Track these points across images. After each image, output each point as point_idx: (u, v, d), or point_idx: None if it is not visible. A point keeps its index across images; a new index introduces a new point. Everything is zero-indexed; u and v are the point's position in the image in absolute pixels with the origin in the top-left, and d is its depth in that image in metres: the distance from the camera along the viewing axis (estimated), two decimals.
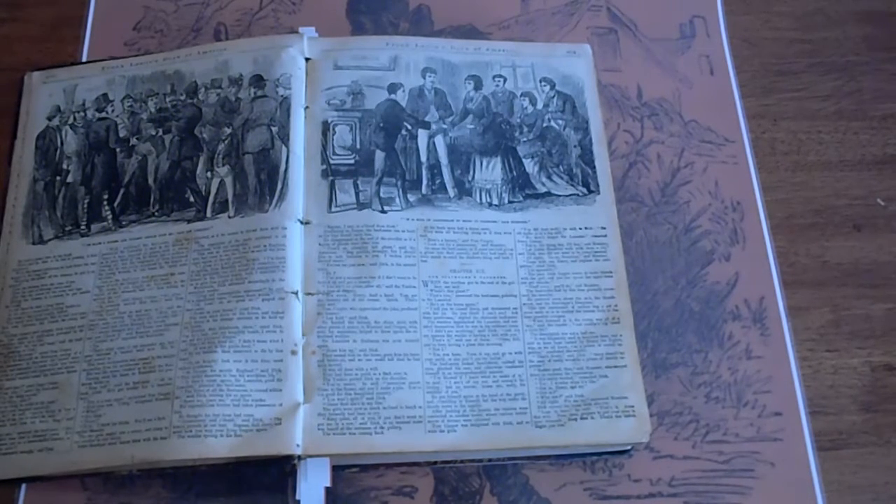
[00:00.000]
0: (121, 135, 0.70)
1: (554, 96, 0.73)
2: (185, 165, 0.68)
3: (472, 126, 0.71)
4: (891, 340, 0.69)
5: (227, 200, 0.66)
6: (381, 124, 0.70)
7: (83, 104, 0.71)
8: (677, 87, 0.77)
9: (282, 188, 0.66)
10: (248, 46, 0.72)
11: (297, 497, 0.59)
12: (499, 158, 0.70)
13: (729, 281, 0.69)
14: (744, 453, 0.63)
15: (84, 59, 0.75)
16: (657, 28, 0.80)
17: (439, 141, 0.70)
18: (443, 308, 0.63)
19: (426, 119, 0.71)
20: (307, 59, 0.71)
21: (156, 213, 0.66)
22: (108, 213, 0.67)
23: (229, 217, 0.65)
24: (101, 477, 0.60)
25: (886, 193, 0.75)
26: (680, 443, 0.64)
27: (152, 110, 0.70)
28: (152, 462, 0.58)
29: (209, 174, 0.67)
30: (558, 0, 0.81)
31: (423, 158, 0.69)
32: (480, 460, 0.62)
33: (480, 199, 0.68)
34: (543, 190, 0.69)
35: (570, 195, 0.69)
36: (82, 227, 0.66)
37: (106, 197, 0.67)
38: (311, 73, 0.71)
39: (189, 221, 0.66)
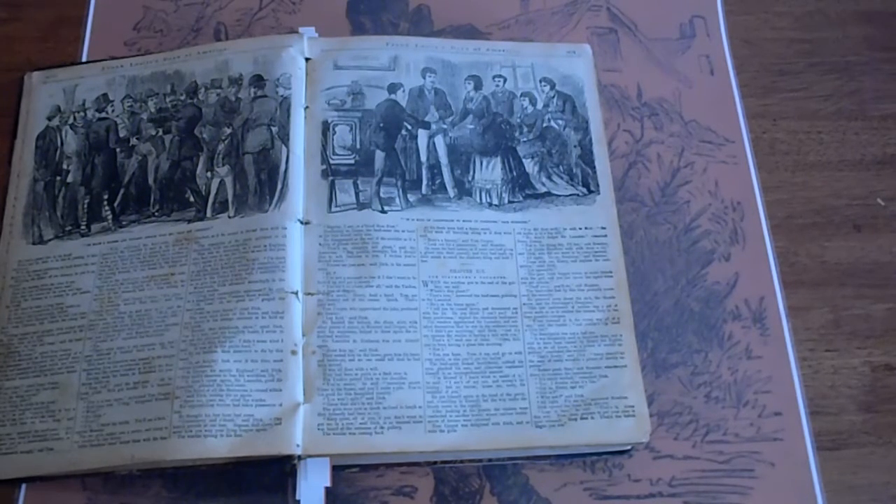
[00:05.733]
0: (121, 135, 0.70)
1: (554, 96, 0.73)
2: (185, 165, 0.68)
3: (472, 126, 0.71)
4: (891, 340, 0.69)
5: (227, 200, 0.66)
6: (381, 124, 0.70)
7: (83, 104, 0.71)
8: (677, 87, 0.77)
9: (282, 188, 0.66)
10: (248, 46, 0.72)
11: (297, 497, 0.59)
12: (499, 158, 0.70)
13: (729, 281, 0.69)
14: (744, 453, 0.63)
15: (84, 59, 0.75)
16: (657, 28, 0.80)
17: (439, 141, 0.70)
18: (443, 308, 0.63)
19: (426, 119, 0.71)
20: (307, 59, 0.71)
21: (156, 213, 0.66)
22: (108, 213, 0.67)
23: (229, 217, 0.65)
24: (101, 477, 0.60)
25: (886, 193, 0.75)
26: (680, 443, 0.64)
27: (152, 110, 0.70)
28: (152, 462, 0.58)
29: (209, 174, 0.67)
30: (558, 0, 0.81)
31: (423, 158, 0.69)
32: (480, 460, 0.62)
33: (480, 199, 0.68)
34: (543, 190, 0.69)
35: (570, 195, 0.69)
36: (82, 227, 0.66)
37: (106, 197, 0.67)
38: (311, 73, 0.71)
39: (189, 221, 0.66)
